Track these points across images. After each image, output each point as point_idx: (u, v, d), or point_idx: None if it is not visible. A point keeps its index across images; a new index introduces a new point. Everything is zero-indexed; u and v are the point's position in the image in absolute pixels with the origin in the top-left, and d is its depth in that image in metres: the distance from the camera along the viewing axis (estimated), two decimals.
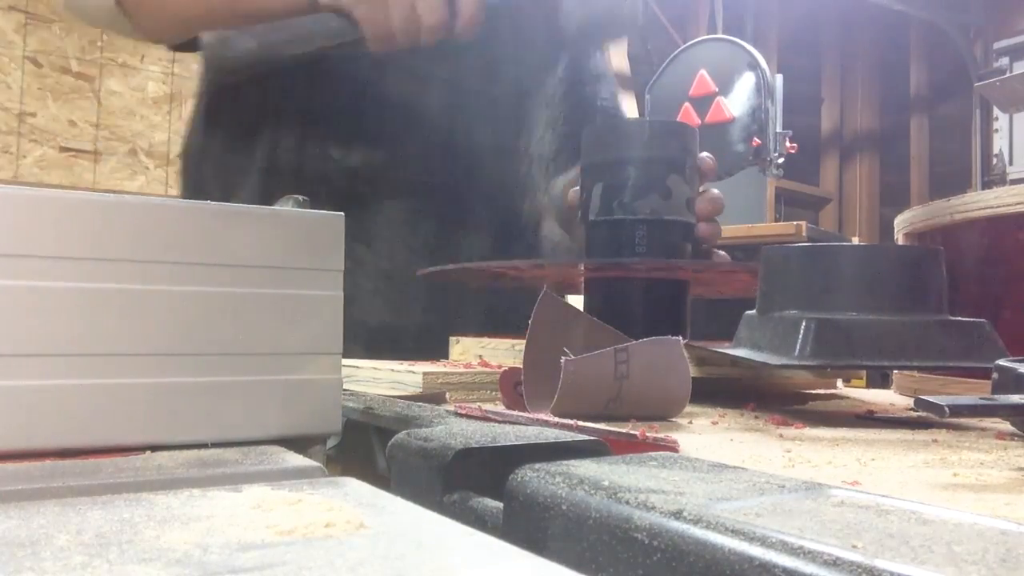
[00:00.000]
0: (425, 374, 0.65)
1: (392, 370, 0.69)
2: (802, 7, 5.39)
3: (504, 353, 0.82)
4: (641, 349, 0.56)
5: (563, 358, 0.54)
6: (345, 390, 0.60)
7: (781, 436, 0.54)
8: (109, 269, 0.39)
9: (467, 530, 0.26)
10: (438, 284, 1.11)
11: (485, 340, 0.86)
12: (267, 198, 0.53)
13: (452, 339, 0.92)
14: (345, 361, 0.51)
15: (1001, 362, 0.53)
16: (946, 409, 0.41)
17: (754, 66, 2.50)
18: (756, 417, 0.65)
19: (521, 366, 0.60)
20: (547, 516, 0.30)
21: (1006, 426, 0.56)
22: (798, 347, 0.59)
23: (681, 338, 0.59)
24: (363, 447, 0.50)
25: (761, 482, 0.31)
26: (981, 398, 0.45)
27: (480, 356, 0.85)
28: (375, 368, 0.72)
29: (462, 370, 0.70)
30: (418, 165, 1.18)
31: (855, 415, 0.71)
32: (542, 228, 1.29)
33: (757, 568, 0.22)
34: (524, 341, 0.60)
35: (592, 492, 0.29)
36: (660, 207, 0.80)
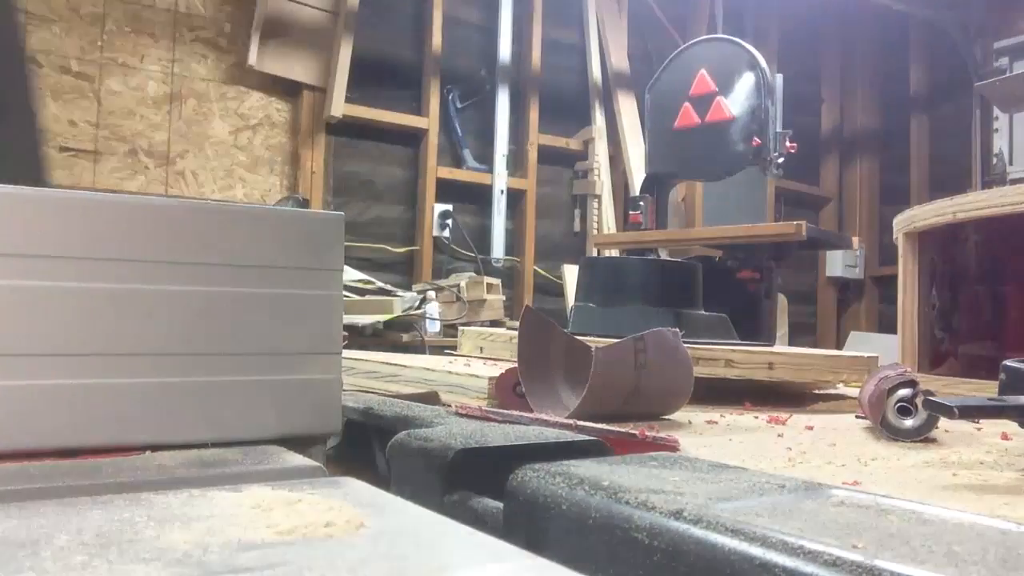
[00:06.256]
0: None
1: (387, 363, 0.69)
2: (802, 7, 5.39)
3: (503, 346, 0.82)
4: (653, 338, 0.57)
5: (593, 347, 0.54)
6: (345, 390, 0.60)
7: (781, 436, 0.54)
8: (109, 269, 0.39)
9: (467, 530, 0.26)
10: None
11: (487, 331, 0.86)
12: None
13: (460, 329, 0.93)
14: (346, 354, 0.51)
15: (1008, 363, 0.53)
16: (955, 410, 0.40)
17: (754, 66, 2.50)
18: (756, 417, 0.65)
19: (515, 368, 0.60)
20: (547, 516, 0.30)
21: (1008, 426, 0.56)
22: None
23: (679, 330, 0.60)
24: (363, 447, 0.50)
25: (761, 482, 0.31)
26: (990, 399, 0.45)
27: (481, 348, 0.85)
28: (377, 361, 0.72)
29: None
30: None
31: (855, 415, 0.71)
32: None
33: (757, 568, 0.22)
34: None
35: (592, 492, 0.29)
36: None
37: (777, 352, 0.75)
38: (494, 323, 3.39)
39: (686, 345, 0.76)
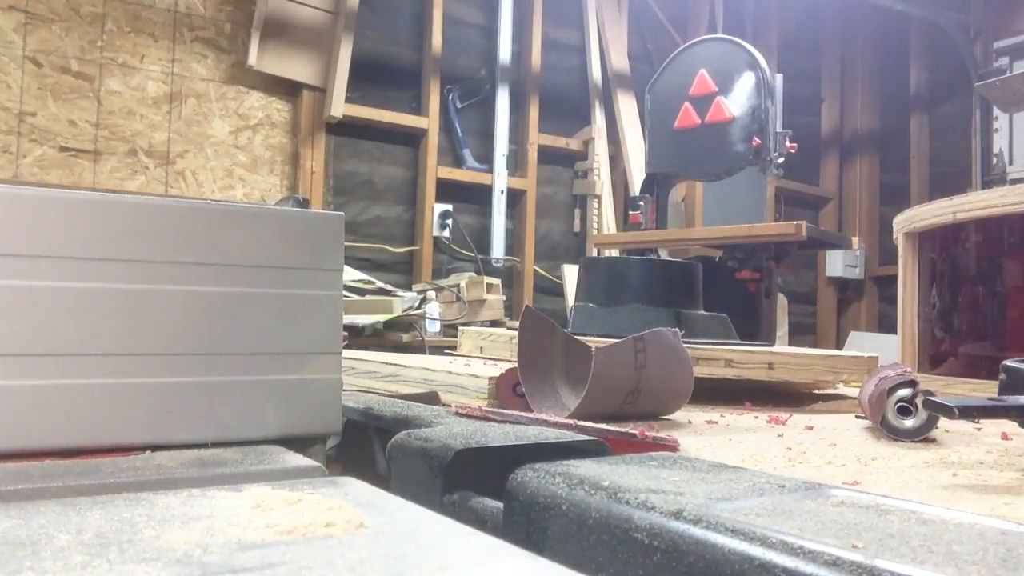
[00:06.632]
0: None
1: (387, 363, 0.69)
2: (802, 7, 5.39)
3: (503, 346, 0.82)
4: (653, 338, 0.58)
5: (594, 347, 0.55)
6: (345, 390, 0.60)
7: (781, 436, 0.54)
8: (109, 269, 0.39)
9: (467, 530, 0.26)
10: None
11: (487, 331, 0.86)
12: None
13: (460, 329, 0.93)
14: (346, 354, 0.51)
15: (1008, 363, 0.53)
16: (955, 410, 0.40)
17: (754, 66, 2.51)
18: (756, 417, 0.65)
19: (515, 368, 0.60)
20: (547, 516, 0.30)
21: (1008, 426, 0.56)
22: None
23: (679, 330, 0.60)
24: (363, 447, 0.50)
25: (761, 482, 0.31)
26: (990, 399, 0.45)
27: (481, 348, 0.85)
28: (382, 362, 0.72)
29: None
30: None
31: (855, 415, 0.71)
32: None
33: (757, 568, 0.22)
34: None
35: (592, 492, 0.29)
36: None
37: (777, 352, 0.75)
38: (494, 323, 3.39)
39: (686, 345, 0.76)
